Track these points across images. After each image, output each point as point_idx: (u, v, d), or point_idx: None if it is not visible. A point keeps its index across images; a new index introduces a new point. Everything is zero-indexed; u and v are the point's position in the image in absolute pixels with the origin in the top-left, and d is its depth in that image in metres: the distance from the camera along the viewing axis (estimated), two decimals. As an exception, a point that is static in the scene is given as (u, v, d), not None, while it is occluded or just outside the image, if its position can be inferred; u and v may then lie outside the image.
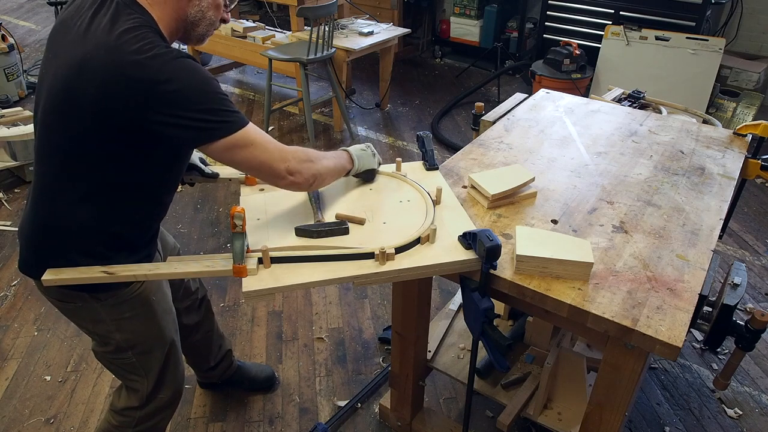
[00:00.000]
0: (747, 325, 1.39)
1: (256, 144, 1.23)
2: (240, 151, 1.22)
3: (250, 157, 1.23)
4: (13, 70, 4.48)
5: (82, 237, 1.27)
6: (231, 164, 1.25)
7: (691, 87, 4.12)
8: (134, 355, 1.44)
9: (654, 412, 2.10)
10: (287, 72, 4.24)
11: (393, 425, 2.01)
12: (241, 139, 1.21)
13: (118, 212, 1.28)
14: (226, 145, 1.20)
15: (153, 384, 1.50)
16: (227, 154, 1.21)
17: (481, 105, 2.16)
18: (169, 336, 1.49)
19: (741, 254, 2.96)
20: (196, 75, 1.16)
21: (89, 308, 1.35)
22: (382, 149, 4.02)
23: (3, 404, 2.09)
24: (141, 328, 1.42)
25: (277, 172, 1.27)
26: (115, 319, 1.37)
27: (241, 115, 1.23)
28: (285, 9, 4.69)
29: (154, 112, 1.13)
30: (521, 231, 1.35)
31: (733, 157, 1.85)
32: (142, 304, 1.39)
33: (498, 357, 1.31)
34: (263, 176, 1.30)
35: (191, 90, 1.14)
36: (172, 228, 3.08)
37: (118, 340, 1.40)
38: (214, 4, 1.30)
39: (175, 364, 1.53)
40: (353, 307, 2.58)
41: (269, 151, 1.25)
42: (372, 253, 1.26)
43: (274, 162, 1.26)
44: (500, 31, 5.35)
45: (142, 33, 1.13)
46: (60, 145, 1.20)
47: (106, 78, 1.10)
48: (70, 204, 1.24)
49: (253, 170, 1.31)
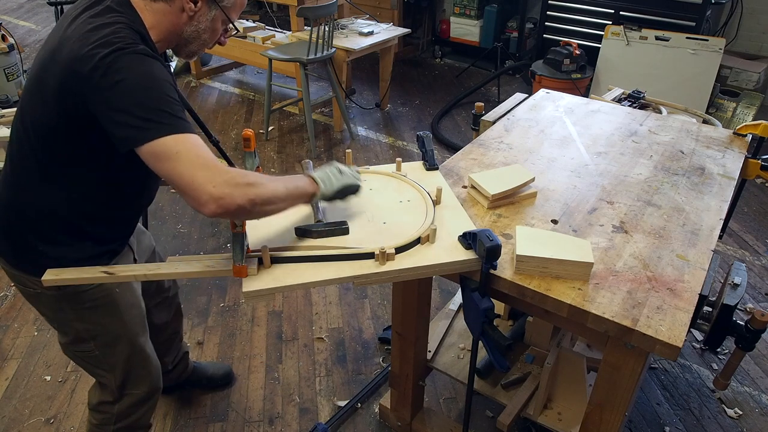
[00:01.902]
0: (747, 325, 1.39)
1: (181, 157, 1.07)
2: (162, 162, 1.08)
3: (170, 170, 1.08)
4: (13, 70, 4.48)
5: (42, 221, 1.27)
6: (157, 174, 1.11)
7: (691, 87, 4.12)
8: (96, 348, 1.42)
9: (654, 412, 2.10)
10: (287, 72, 4.24)
11: (393, 425, 2.01)
12: (166, 148, 1.07)
13: (80, 202, 1.27)
14: (150, 152, 1.08)
15: (121, 379, 1.48)
16: (152, 162, 1.09)
17: (481, 105, 2.16)
18: (134, 330, 1.46)
19: (741, 254, 2.96)
20: (144, 72, 1.10)
21: (48, 296, 1.34)
22: (382, 149, 4.02)
23: (3, 404, 2.09)
24: (102, 319, 1.40)
25: (197, 194, 1.07)
26: (74, 308, 1.36)
27: (183, 123, 1.11)
28: (285, 9, 4.69)
29: (94, 103, 1.10)
30: (521, 231, 1.35)
31: (733, 157, 1.85)
32: (103, 295, 1.38)
33: (498, 357, 1.31)
34: (185, 197, 1.10)
35: (131, 85, 1.08)
36: (172, 228, 3.08)
37: (79, 329, 1.39)
38: (211, 28, 1.31)
39: (145, 360, 1.51)
40: (353, 307, 2.58)
41: (194, 168, 1.07)
42: (372, 253, 1.26)
43: (195, 181, 1.07)
44: (500, 31, 5.35)
45: (113, 29, 1.13)
46: (29, 126, 1.21)
47: (65, 67, 1.11)
48: (34, 186, 1.24)
49: (176, 186, 1.10)
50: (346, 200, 1.38)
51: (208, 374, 2.15)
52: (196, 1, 1.24)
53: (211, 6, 1.27)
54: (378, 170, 1.63)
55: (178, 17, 1.25)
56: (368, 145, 4.09)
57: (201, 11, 1.26)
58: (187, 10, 1.25)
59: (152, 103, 1.09)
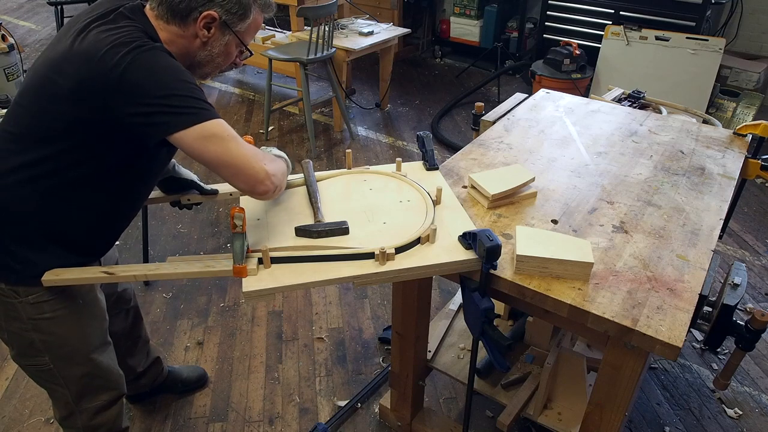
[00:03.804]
0: (747, 325, 1.39)
1: (233, 139, 1.14)
2: (214, 143, 1.12)
3: (224, 151, 1.12)
4: (13, 70, 4.48)
5: (20, 221, 1.22)
6: (202, 158, 1.14)
7: (691, 87, 4.12)
8: (51, 361, 1.35)
9: (654, 412, 2.10)
10: (287, 72, 4.24)
11: (393, 425, 2.01)
12: (216, 130, 1.12)
13: (64, 205, 1.23)
14: (201, 134, 1.11)
15: (76, 392, 1.42)
16: (199, 145, 1.12)
17: (481, 105, 2.16)
18: (93, 344, 1.41)
19: (741, 254, 2.96)
20: (170, 64, 1.13)
21: (5, 302, 1.27)
22: (382, 149, 4.02)
23: (3, 404, 2.09)
24: (61, 330, 1.33)
25: (255, 172, 1.14)
26: (32, 318, 1.29)
27: (214, 110, 1.16)
28: (285, 9, 4.69)
29: (118, 101, 1.10)
30: (521, 231, 1.35)
31: (733, 157, 1.85)
32: (65, 306, 1.32)
33: (498, 357, 1.31)
34: (239, 176, 1.15)
35: (162, 76, 1.11)
36: (172, 228, 3.08)
37: (34, 340, 1.32)
38: (225, 52, 1.30)
39: (103, 371, 1.45)
40: (353, 307, 2.58)
41: (246, 149, 1.15)
42: (372, 253, 1.26)
43: (252, 160, 1.14)
44: (500, 31, 5.35)
45: (129, 30, 1.14)
46: (27, 124, 1.18)
47: (82, 70, 1.11)
48: (18, 183, 1.19)
49: (228, 167, 1.15)
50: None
51: (182, 377, 2.14)
52: (209, 28, 1.24)
53: (224, 31, 1.26)
54: (378, 170, 1.63)
55: (191, 42, 1.25)
56: (368, 145, 4.09)
57: (214, 37, 1.26)
58: (201, 36, 1.25)
59: (188, 91, 1.12)
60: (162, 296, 2.62)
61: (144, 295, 2.60)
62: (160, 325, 2.46)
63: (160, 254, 2.87)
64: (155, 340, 2.37)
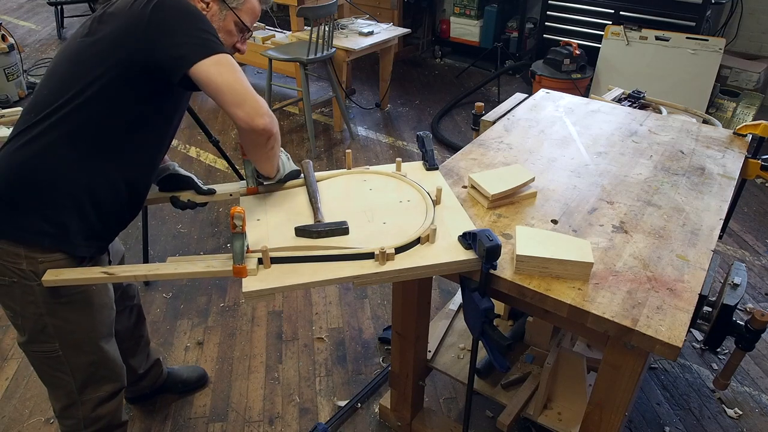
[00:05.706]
0: (747, 325, 1.39)
1: (242, 72, 1.24)
2: (228, 70, 1.21)
3: (235, 79, 1.21)
4: (13, 70, 4.48)
5: (50, 186, 1.25)
6: (215, 83, 1.20)
7: (691, 87, 4.12)
8: (61, 347, 1.38)
9: (654, 412, 2.10)
10: (287, 72, 4.24)
11: (393, 425, 2.01)
12: (229, 60, 1.22)
13: (94, 163, 1.28)
14: (217, 60, 1.20)
15: (81, 381, 1.45)
16: (214, 70, 1.20)
17: (481, 105, 2.16)
18: (102, 332, 1.44)
19: (741, 254, 2.96)
20: (192, 8, 1.26)
21: (23, 285, 1.29)
22: (382, 149, 4.03)
23: (3, 404, 2.09)
24: (73, 316, 1.37)
25: (260, 105, 1.24)
26: (47, 302, 1.32)
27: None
28: (285, 9, 4.69)
29: (149, 38, 1.20)
30: (521, 231, 1.35)
31: (733, 157, 1.85)
32: (80, 291, 1.36)
33: (498, 357, 1.31)
34: (243, 105, 1.22)
35: (184, 15, 1.22)
36: (172, 228, 3.08)
37: (47, 324, 1.35)
38: (225, 29, 1.37)
39: (109, 361, 1.48)
40: (353, 307, 2.58)
41: (250, 86, 1.25)
42: (372, 253, 1.26)
43: (256, 94, 1.25)
44: (500, 31, 5.35)
45: None
46: (55, 89, 1.25)
47: (118, 19, 1.23)
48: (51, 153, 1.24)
49: (236, 94, 1.22)
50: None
51: (183, 378, 2.14)
52: (207, 3, 1.32)
53: (222, 7, 1.34)
54: (378, 170, 1.63)
55: None
56: (368, 145, 4.09)
57: (212, 11, 1.34)
58: (201, 9, 1.31)
59: (207, 27, 1.24)
60: (162, 296, 2.62)
61: (144, 295, 2.60)
62: (160, 325, 2.46)
63: (160, 254, 2.87)
64: (155, 340, 2.37)
